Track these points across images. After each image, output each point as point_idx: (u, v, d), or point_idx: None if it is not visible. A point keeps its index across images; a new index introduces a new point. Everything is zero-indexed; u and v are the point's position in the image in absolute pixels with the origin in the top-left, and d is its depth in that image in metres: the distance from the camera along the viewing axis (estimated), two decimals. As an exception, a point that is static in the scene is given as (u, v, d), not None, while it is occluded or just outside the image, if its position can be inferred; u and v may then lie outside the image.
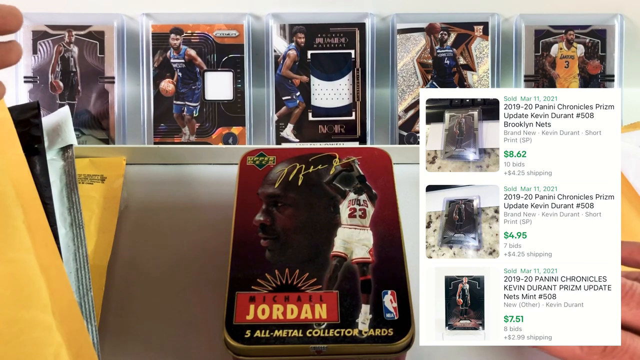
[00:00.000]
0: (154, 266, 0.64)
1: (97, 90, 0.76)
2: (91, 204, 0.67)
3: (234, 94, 0.77)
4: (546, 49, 0.77)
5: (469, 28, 0.77)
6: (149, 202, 0.71)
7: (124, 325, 0.59)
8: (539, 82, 0.77)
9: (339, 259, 0.56)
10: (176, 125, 0.77)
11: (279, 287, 0.54)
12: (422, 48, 0.77)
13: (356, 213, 0.59)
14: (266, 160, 0.64)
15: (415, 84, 0.77)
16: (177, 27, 0.77)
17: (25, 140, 0.60)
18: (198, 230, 0.68)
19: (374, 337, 0.51)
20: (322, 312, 0.52)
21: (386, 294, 0.53)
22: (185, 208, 0.70)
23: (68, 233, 0.60)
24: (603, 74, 0.77)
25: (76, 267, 0.57)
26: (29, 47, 0.76)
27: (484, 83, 0.77)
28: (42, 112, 0.70)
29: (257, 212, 0.59)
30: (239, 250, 0.57)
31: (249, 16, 0.77)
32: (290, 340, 0.51)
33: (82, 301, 0.55)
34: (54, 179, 0.63)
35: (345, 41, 0.77)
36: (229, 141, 0.76)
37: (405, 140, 0.77)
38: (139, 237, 0.67)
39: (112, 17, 0.76)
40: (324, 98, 0.77)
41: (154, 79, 0.76)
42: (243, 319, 0.52)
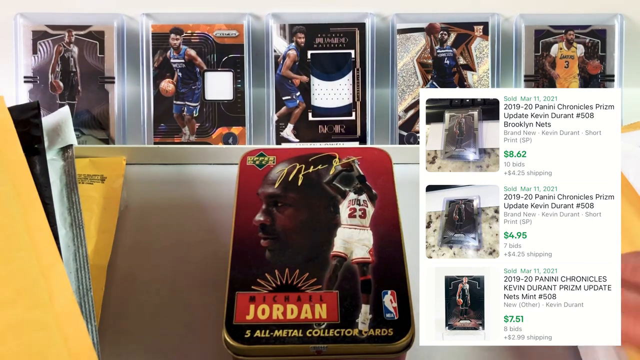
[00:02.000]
0: (154, 266, 0.64)
1: (97, 90, 0.76)
2: (91, 204, 0.67)
3: (234, 94, 0.77)
4: (546, 49, 0.77)
5: (469, 28, 0.77)
6: (149, 202, 0.71)
7: (124, 325, 0.59)
8: (539, 82, 0.77)
9: (339, 259, 0.56)
10: (176, 125, 0.77)
11: (279, 287, 0.54)
12: (422, 48, 0.77)
13: (356, 213, 0.59)
14: (266, 160, 0.64)
15: (415, 84, 0.77)
16: (177, 27, 0.77)
17: (25, 140, 0.60)
18: (198, 230, 0.68)
19: (374, 337, 0.51)
20: (322, 312, 0.52)
21: (386, 294, 0.53)
22: (185, 208, 0.70)
23: (68, 233, 0.60)
24: (603, 74, 0.77)
25: (76, 267, 0.57)
26: (29, 47, 0.76)
27: (484, 83, 0.77)
28: (42, 112, 0.70)
29: (257, 212, 0.59)
30: (239, 250, 0.57)
31: (249, 16, 0.77)
32: (290, 340, 0.51)
33: (82, 301, 0.55)
34: (54, 179, 0.63)
35: (345, 41, 0.77)
36: (229, 141, 0.76)
37: (405, 140, 0.77)
38: (139, 237, 0.67)
39: (112, 17, 0.76)
40: (324, 98, 0.77)
41: (154, 79, 0.76)
42: (243, 319, 0.52)
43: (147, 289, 0.62)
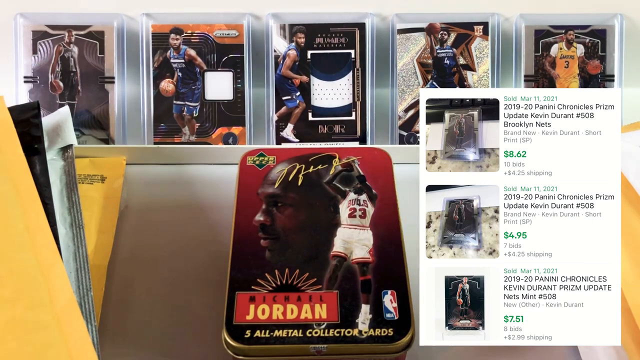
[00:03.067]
0: (154, 266, 0.64)
1: (97, 90, 0.76)
2: (91, 204, 0.67)
3: (234, 94, 0.77)
4: (546, 49, 0.77)
5: (469, 28, 0.77)
6: (149, 202, 0.71)
7: (124, 325, 0.59)
8: (539, 82, 0.77)
9: (339, 259, 0.56)
10: (176, 125, 0.77)
11: (279, 287, 0.54)
12: (422, 48, 0.77)
13: (356, 213, 0.59)
14: (266, 160, 0.64)
15: (415, 84, 0.77)
16: (177, 27, 0.77)
17: (25, 140, 0.60)
18: (198, 230, 0.68)
19: (374, 337, 0.51)
20: (322, 312, 0.52)
21: (386, 294, 0.53)
22: (185, 208, 0.70)
23: (68, 233, 0.60)
24: (603, 74, 0.77)
25: (76, 267, 0.57)
26: (29, 47, 0.76)
27: (484, 83, 0.77)
28: (42, 112, 0.70)
29: (257, 212, 0.59)
30: (239, 250, 0.57)
31: (249, 16, 0.77)
32: (290, 340, 0.51)
33: (82, 301, 0.55)
34: (54, 179, 0.63)
35: (345, 41, 0.77)
36: (229, 141, 0.76)
37: (405, 140, 0.77)
38: (139, 237, 0.67)
39: (112, 17, 0.76)
40: (324, 98, 0.77)
41: (154, 79, 0.76)
42: (243, 319, 0.52)
43: (147, 289, 0.62)
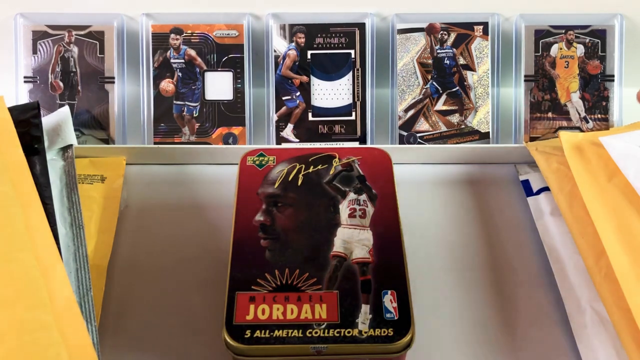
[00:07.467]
0: (154, 266, 0.64)
1: (97, 90, 0.76)
2: (91, 204, 0.67)
3: (234, 94, 0.77)
4: (546, 49, 0.77)
5: (469, 28, 0.77)
6: (149, 202, 0.71)
7: (124, 325, 0.59)
8: (539, 82, 0.77)
9: (339, 259, 0.56)
10: (176, 125, 0.77)
11: (279, 287, 0.54)
12: (422, 48, 0.77)
13: (356, 213, 0.59)
14: (266, 160, 0.64)
15: (415, 84, 0.77)
16: (177, 27, 0.77)
17: (25, 140, 0.60)
18: (198, 230, 0.68)
19: (374, 337, 0.51)
20: (322, 312, 0.52)
21: (386, 294, 0.53)
22: (185, 208, 0.70)
23: (68, 233, 0.60)
24: (603, 74, 0.77)
25: (76, 267, 0.57)
26: (29, 47, 0.76)
27: (484, 83, 0.77)
28: (42, 112, 0.70)
29: (257, 212, 0.59)
30: (239, 250, 0.57)
31: (249, 16, 0.77)
32: (290, 340, 0.51)
33: (82, 301, 0.55)
34: (54, 179, 0.63)
35: (345, 41, 0.77)
36: (229, 141, 0.76)
37: (405, 140, 0.77)
38: (139, 237, 0.67)
39: (112, 17, 0.76)
40: (324, 98, 0.77)
41: (154, 79, 0.76)
42: (243, 319, 0.52)
43: (147, 289, 0.62)
